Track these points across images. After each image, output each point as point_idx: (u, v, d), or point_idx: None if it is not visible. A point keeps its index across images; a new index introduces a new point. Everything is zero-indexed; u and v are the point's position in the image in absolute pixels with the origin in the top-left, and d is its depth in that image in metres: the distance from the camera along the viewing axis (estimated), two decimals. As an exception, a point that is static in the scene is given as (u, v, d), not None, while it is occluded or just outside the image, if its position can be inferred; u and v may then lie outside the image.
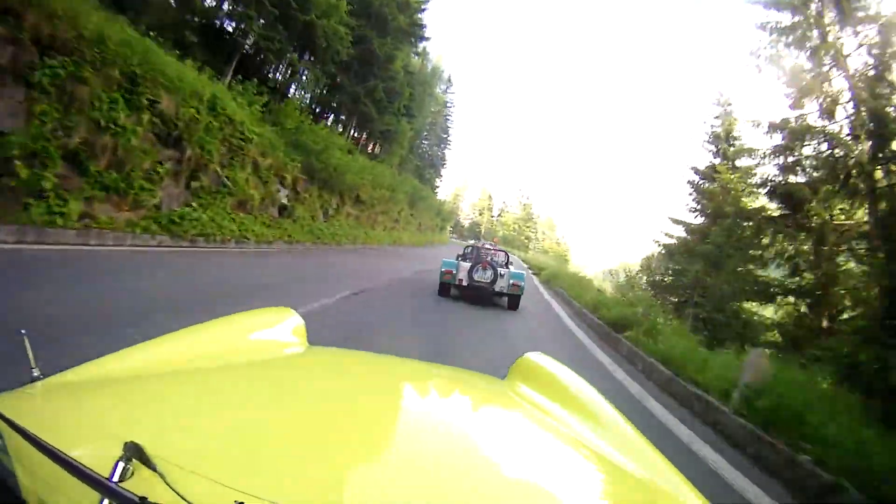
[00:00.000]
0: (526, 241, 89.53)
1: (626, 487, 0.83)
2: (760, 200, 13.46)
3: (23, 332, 0.74)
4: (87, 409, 0.70)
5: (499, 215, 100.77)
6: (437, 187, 57.92)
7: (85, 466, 0.45)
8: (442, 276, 8.80)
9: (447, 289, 8.94)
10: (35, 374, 0.73)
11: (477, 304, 8.75)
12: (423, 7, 24.88)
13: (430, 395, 1.15)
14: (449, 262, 9.01)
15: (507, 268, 9.45)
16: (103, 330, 3.12)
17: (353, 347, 1.62)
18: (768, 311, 12.74)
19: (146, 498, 0.43)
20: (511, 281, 8.86)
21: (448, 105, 53.26)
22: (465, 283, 8.70)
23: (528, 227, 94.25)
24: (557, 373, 1.28)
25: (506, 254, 10.53)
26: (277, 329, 1.26)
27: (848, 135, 9.97)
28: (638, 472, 0.85)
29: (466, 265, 8.88)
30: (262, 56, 16.22)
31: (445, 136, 54.93)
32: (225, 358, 0.99)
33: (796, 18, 10.84)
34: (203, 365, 0.94)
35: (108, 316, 3.51)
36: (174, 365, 0.90)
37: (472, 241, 18.59)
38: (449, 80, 51.36)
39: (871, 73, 9.44)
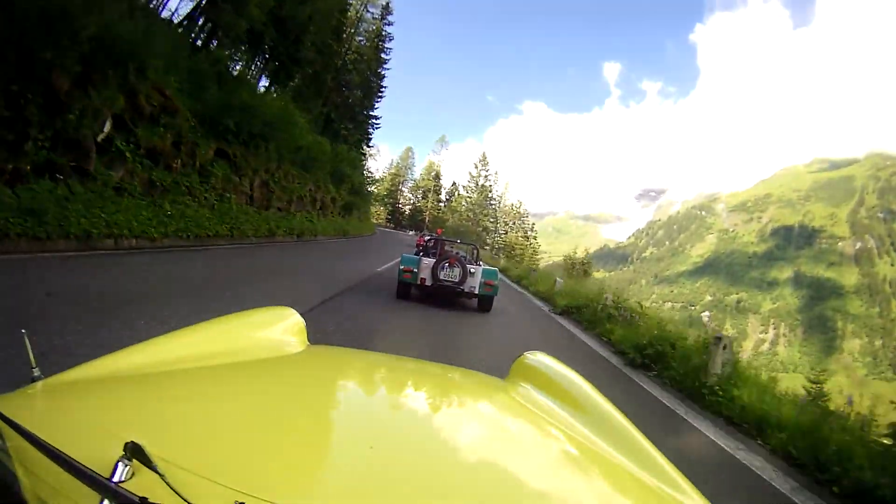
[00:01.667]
0: (483, 232, 69.10)
1: (627, 487, 0.83)
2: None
3: (23, 331, 0.75)
4: (87, 409, 0.70)
5: (448, 200, 79.81)
6: (365, 155, 43.07)
7: (85, 466, 0.45)
8: (401, 274, 7.91)
9: (407, 289, 8.05)
10: (35, 374, 0.72)
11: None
12: None
13: (430, 395, 1.15)
14: (409, 258, 8.20)
15: (478, 264, 8.58)
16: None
17: None
18: None
19: (146, 498, 0.43)
20: (483, 279, 8.03)
21: (384, 39, 38.36)
22: (428, 283, 7.86)
23: (485, 214, 73.14)
24: (558, 372, 1.28)
25: (475, 246, 9.92)
26: (277, 328, 1.25)
27: None
28: (638, 471, 0.86)
29: (429, 262, 7.97)
30: None
31: (378, 81, 39.00)
32: (225, 357, 0.98)
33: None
34: (203, 365, 0.93)
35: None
36: (174, 365, 0.90)
37: (412, 232, 16.59)
38: (387, 7, 37.79)
39: None
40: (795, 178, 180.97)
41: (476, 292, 8.02)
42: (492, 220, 73.68)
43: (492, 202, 75.38)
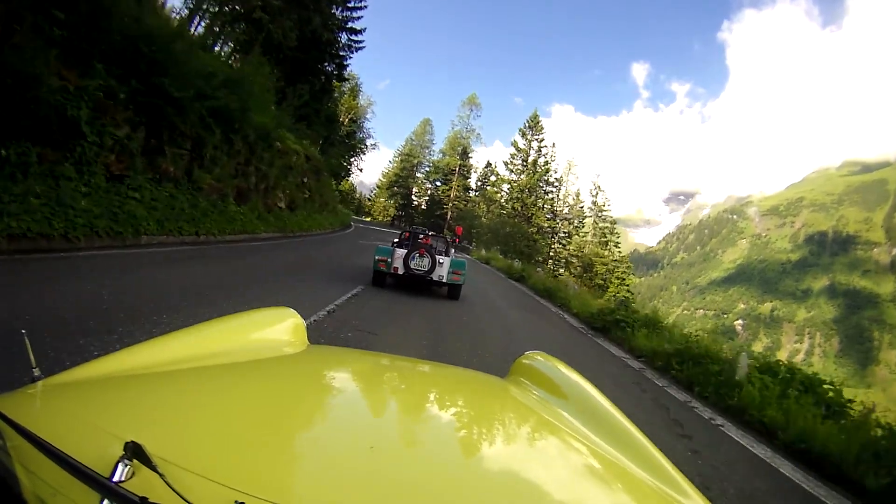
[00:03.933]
0: (537, 234, 43.56)
1: (627, 487, 0.82)
2: None
3: (23, 332, 0.75)
4: (87, 409, 0.70)
5: (481, 185, 55.18)
6: (332, 86, 27.97)
7: (85, 466, 0.45)
8: (376, 264, 8.39)
9: (382, 278, 8.57)
10: (35, 374, 0.72)
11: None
12: None
13: (430, 395, 1.14)
14: (384, 248, 8.58)
15: (447, 255, 9.09)
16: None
17: None
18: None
19: (146, 498, 0.43)
20: (451, 269, 8.61)
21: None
22: (400, 272, 8.40)
23: (538, 206, 45.96)
24: (558, 372, 1.27)
25: (445, 240, 10.10)
26: (277, 328, 1.26)
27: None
28: (638, 471, 0.85)
29: (402, 252, 8.49)
30: None
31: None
32: (225, 358, 0.98)
33: None
34: (203, 365, 0.93)
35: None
36: (174, 365, 0.90)
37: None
38: None
39: None
40: (827, 180, 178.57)
41: (444, 281, 8.58)
42: (549, 215, 46.84)
43: (549, 189, 47.08)
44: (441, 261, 8.55)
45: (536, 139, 47.56)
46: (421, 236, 9.81)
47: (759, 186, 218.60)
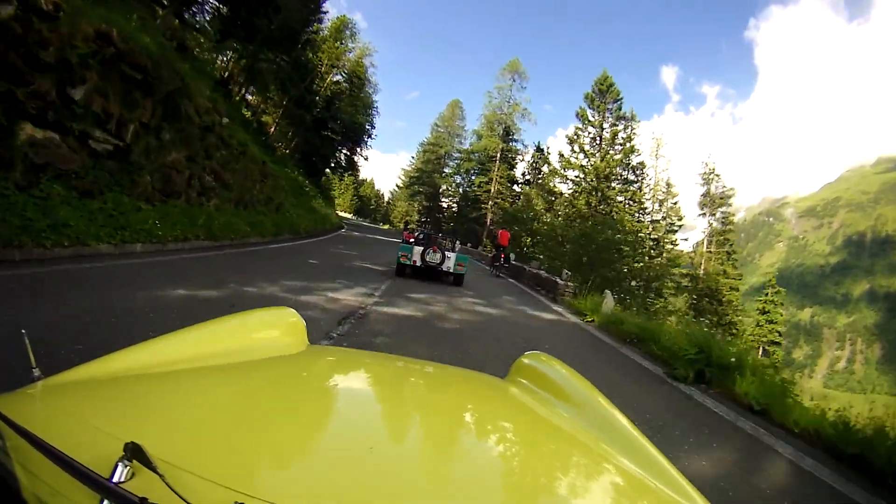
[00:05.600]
0: (624, 242, 21.58)
1: (627, 487, 0.82)
2: None
3: (23, 331, 0.76)
4: (87, 409, 0.71)
5: (535, 174, 39.12)
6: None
7: (85, 467, 0.46)
8: (399, 258, 10.61)
9: (403, 269, 10.80)
10: (35, 374, 0.73)
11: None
12: None
13: (430, 395, 1.14)
14: (406, 247, 10.80)
15: (454, 252, 11.59)
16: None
17: None
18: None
19: (146, 498, 0.43)
20: (456, 262, 10.99)
21: None
22: (418, 264, 10.61)
23: (614, 203, 31.07)
24: (558, 372, 1.27)
25: (453, 240, 13.41)
26: (277, 329, 1.28)
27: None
28: (638, 472, 0.84)
29: (419, 249, 10.74)
30: None
31: None
32: (225, 358, 0.99)
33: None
34: (203, 365, 0.94)
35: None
36: (174, 365, 0.91)
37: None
38: None
39: None
40: (862, 179, 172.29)
41: (451, 271, 10.87)
42: (639, 218, 32.30)
43: (634, 178, 32.88)
44: (449, 255, 10.88)
45: (610, 109, 33.04)
46: (418, 233, 11.91)
47: (794, 187, 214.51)
